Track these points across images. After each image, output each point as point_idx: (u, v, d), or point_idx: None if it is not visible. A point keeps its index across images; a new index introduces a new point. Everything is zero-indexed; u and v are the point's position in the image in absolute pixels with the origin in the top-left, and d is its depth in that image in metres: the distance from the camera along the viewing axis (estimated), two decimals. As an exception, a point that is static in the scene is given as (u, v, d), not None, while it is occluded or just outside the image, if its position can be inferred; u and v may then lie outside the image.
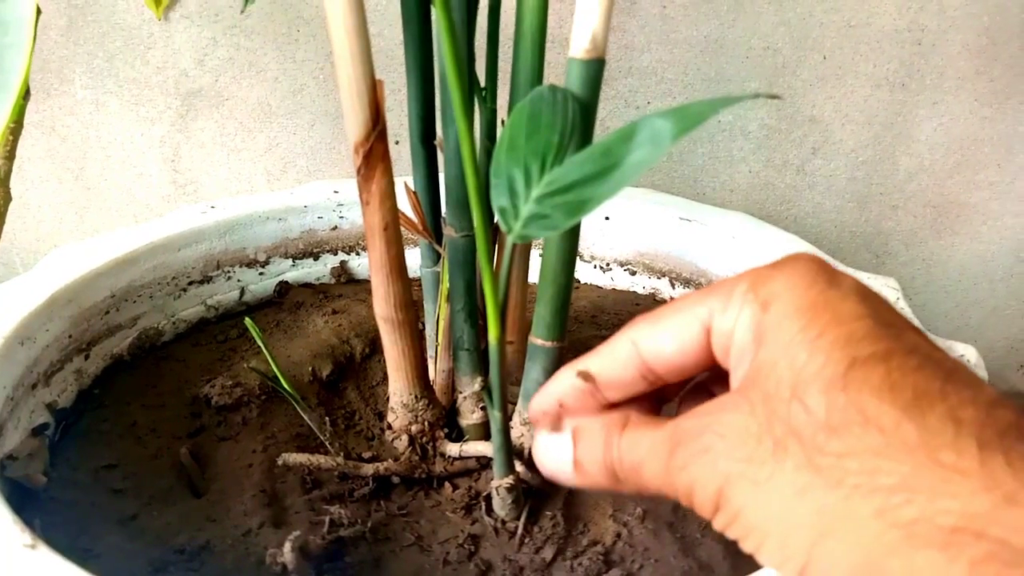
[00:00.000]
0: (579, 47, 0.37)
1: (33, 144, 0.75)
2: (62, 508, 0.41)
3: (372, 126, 0.40)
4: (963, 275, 0.80)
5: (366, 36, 0.39)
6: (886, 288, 0.50)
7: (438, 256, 0.48)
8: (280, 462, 0.43)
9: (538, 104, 0.35)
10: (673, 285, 0.63)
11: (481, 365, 0.46)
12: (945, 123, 0.72)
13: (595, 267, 0.67)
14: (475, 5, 0.42)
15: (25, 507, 0.41)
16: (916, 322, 0.47)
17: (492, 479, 0.41)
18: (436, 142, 0.45)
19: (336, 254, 0.66)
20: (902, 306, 0.48)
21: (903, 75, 0.71)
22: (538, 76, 0.42)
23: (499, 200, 0.33)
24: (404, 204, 0.46)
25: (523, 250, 0.48)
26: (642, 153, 0.31)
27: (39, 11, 0.47)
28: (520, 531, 0.41)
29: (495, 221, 0.39)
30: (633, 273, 0.65)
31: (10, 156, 0.51)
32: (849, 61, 0.70)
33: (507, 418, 0.38)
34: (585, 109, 0.38)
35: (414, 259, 0.50)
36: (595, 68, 0.38)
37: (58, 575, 0.29)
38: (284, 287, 0.64)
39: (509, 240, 0.33)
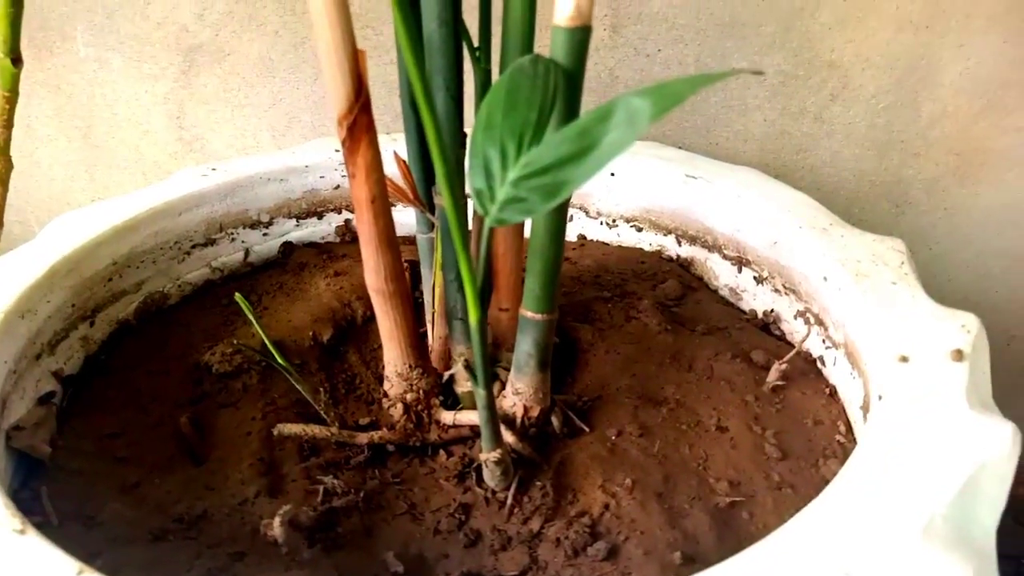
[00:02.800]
0: (563, 14, 0.36)
1: (40, 102, 0.75)
2: (68, 476, 0.42)
3: (355, 98, 0.39)
4: (986, 223, 0.77)
5: (345, 4, 0.38)
6: (891, 251, 0.48)
7: (433, 224, 0.47)
8: (276, 433, 0.44)
9: (517, 78, 0.34)
10: (679, 242, 0.62)
11: (474, 334, 0.46)
12: (971, 66, 0.69)
13: (601, 223, 0.66)
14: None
15: (33, 476, 0.42)
16: (919, 285, 0.45)
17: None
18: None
19: (340, 212, 0.66)
20: (907, 270, 0.47)
21: (927, 16, 0.67)
22: (528, 38, 0.41)
23: (476, 182, 0.32)
24: (396, 172, 0.46)
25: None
26: (618, 134, 0.30)
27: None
28: (510, 501, 0.41)
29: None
30: (639, 229, 0.64)
31: (7, 124, 0.52)
32: (871, 2, 0.67)
33: (491, 394, 0.38)
34: (570, 79, 0.37)
35: (414, 216, 0.49)
36: (580, 36, 0.36)
37: (44, 560, 0.30)
38: (288, 247, 0.64)
39: (486, 224, 0.33)
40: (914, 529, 0.30)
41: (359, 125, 0.40)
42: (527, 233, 0.47)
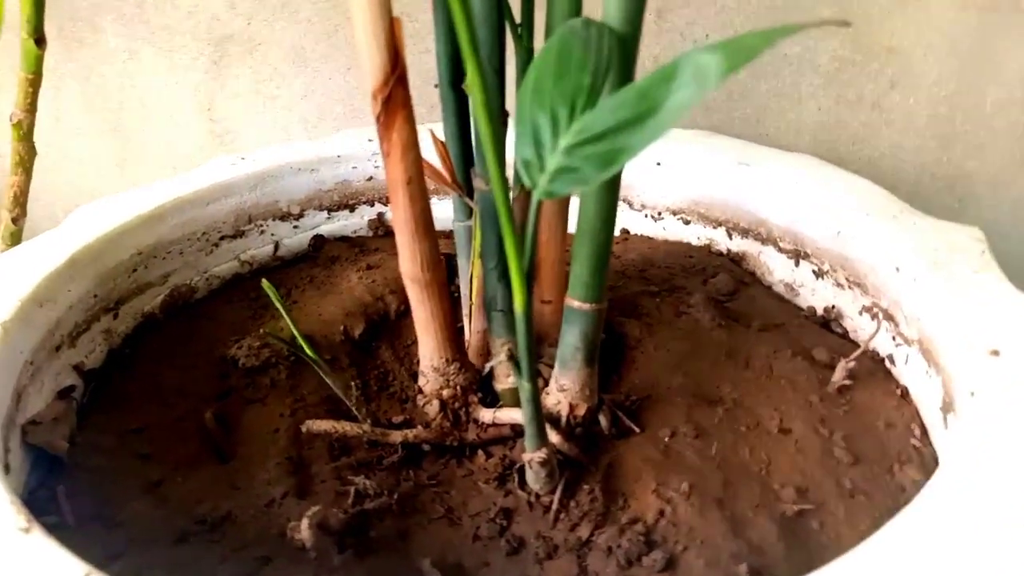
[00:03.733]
0: (618, -27, 0.33)
1: (70, 95, 0.74)
2: (88, 474, 0.40)
3: (391, 70, 0.37)
4: (1056, 220, 0.72)
5: (381, -31, 0.35)
6: (970, 239, 0.44)
7: (471, 210, 0.45)
8: (304, 429, 0.42)
9: (568, 41, 0.31)
10: (730, 235, 0.59)
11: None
12: (1042, 50, 0.65)
13: (646, 216, 0.63)
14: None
15: (51, 474, 0.40)
16: (1003, 275, 0.42)
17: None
18: (464, 85, 0.42)
19: (373, 205, 0.64)
20: (988, 259, 0.43)
21: (995, -4, 0.63)
22: (576, 8, 0.38)
23: (523, 151, 0.30)
24: (433, 154, 0.43)
25: (559, 200, 0.44)
26: (684, 94, 0.27)
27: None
28: (555, 506, 0.38)
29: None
30: (687, 222, 0.61)
31: (31, 108, 0.50)
32: (933, -18, 0.63)
33: (537, 388, 0.35)
34: (624, 45, 0.34)
35: (448, 211, 0.47)
36: (636, -3, 0.33)
37: (49, 562, 0.27)
38: (319, 241, 0.61)
39: (535, 197, 0.30)
40: (1021, 541, 0.27)
41: (395, 99, 0.37)
42: (571, 226, 0.44)
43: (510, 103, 0.42)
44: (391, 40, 0.36)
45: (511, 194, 0.46)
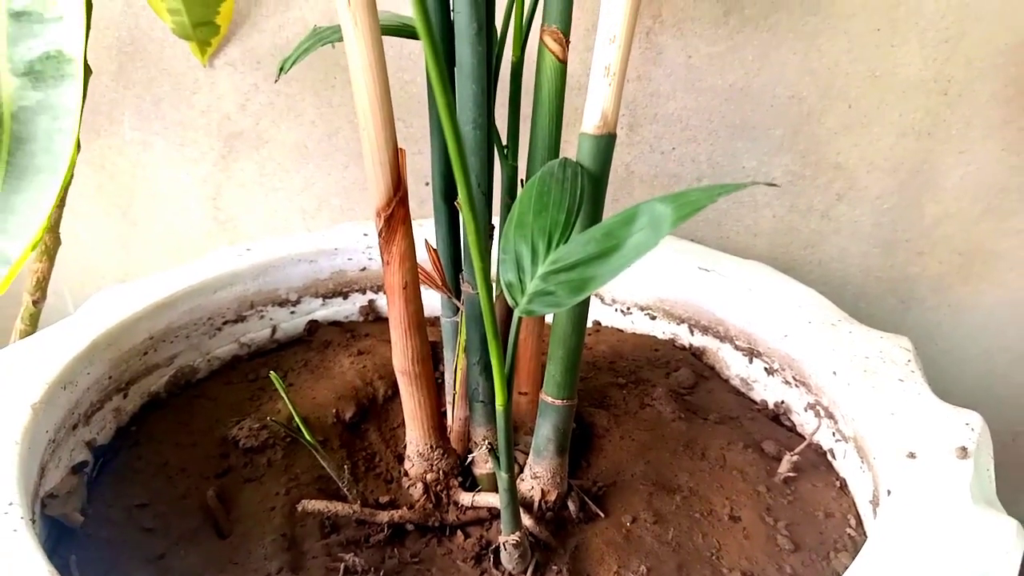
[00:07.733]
0: (590, 123, 0.39)
1: (84, 181, 0.79)
2: (97, 545, 0.44)
3: (393, 193, 0.42)
4: (990, 320, 0.79)
5: (390, 108, 0.41)
6: (898, 348, 0.50)
7: (458, 308, 0.50)
8: (300, 508, 0.45)
9: (547, 181, 0.37)
10: (692, 332, 0.64)
11: (496, 418, 0.48)
12: (972, 171, 0.72)
13: (616, 310, 0.68)
14: (495, 70, 0.44)
15: (63, 544, 0.43)
16: (925, 383, 0.47)
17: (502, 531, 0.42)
18: (456, 202, 0.47)
19: (364, 293, 0.69)
20: (913, 368, 0.48)
21: (929, 124, 0.71)
22: (555, 143, 0.44)
23: (506, 275, 0.35)
24: (425, 257, 0.48)
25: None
26: (642, 237, 0.33)
27: (89, 70, 0.50)
28: (526, 584, 0.42)
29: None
30: (653, 318, 0.67)
31: (60, 204, 0.55)
32: (875, 110, 0.71)
33: (514, 478, 0.39)
34: (595, 182, 0.40)
35: (436, 297, 0.51)
36: (605, 143, 0.39)
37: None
38: (314, 326, 0.66)
39: (516, 314, 0.35)
40: (923, 623, 0.31)
41: (396, 217, 0.42)
42: (547, 319, 0.50)
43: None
44: (395, 167, 0.42)
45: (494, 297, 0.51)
